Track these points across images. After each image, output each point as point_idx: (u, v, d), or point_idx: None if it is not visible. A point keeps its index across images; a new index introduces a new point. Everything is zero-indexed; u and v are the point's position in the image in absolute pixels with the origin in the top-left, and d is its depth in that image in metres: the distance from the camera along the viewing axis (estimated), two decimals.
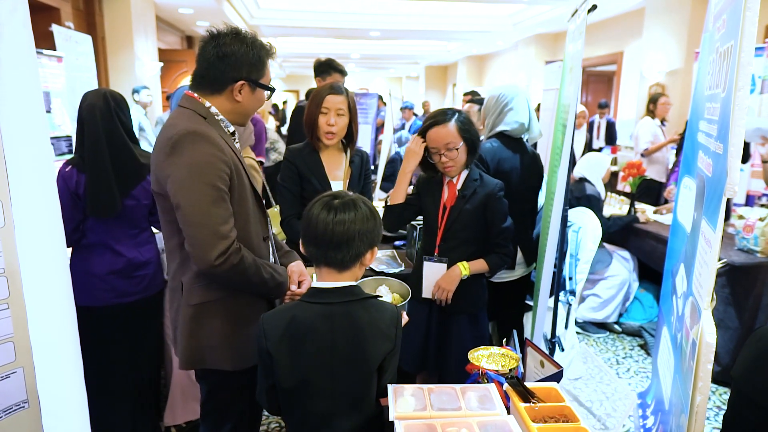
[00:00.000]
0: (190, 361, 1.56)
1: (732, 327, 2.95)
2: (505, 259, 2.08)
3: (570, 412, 1.28)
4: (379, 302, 1.38)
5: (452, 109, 2.07)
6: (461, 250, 2.05)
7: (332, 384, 1.30)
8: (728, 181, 1.29)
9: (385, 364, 1.33)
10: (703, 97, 1.74)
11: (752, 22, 1.22)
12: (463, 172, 2.07)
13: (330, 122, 2.11)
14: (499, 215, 2.04)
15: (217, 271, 1.41)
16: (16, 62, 1.31)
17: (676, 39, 6.64)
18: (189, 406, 2.47)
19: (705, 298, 1.40)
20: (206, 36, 1.52)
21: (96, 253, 2.07)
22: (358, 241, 1.31)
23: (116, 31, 6.41)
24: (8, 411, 1.38)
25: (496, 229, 2.05)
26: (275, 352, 1.30)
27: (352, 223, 1.29)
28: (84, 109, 2.01)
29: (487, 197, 2.03)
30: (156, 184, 1.49)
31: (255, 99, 1.57)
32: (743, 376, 1.40)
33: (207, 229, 1.39)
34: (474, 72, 15.09)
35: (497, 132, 2.42)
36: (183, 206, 1.39)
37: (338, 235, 1.28)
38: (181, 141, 1.41)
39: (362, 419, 1.34)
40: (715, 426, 2.71)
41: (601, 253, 3.70)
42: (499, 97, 2.44)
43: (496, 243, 2.06)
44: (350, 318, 1.30)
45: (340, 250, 1.30)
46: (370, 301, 1.36)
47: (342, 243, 1.29)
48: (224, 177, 1.44)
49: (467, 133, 1.99)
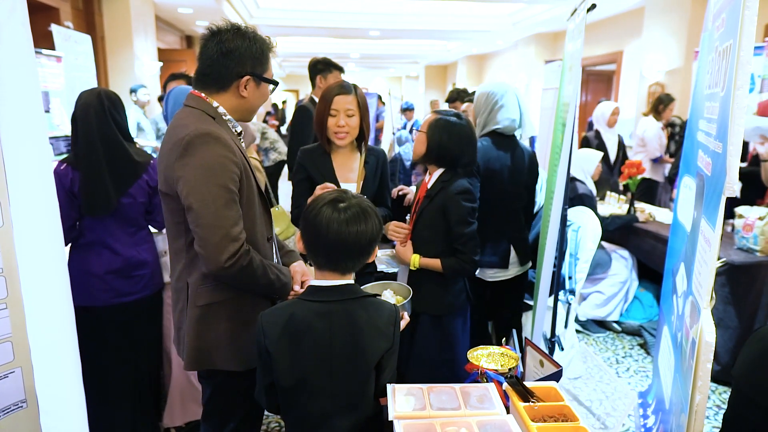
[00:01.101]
0: (197, 362, 1.56)
1: (732, 326, 2.95)
2: (464, 266, 2.00)
3: (569, 412, 1.28)
4: (377, 301, 1.38)
5: (452, 111, 2.08)
6: (424, 249, 2.04)
7: (330, 382, 1.30)
8: (727, 180, 1.29)
9: (384, 362, 1.33)
10: (703, 96, 1.74)
11: (751, 21, 1.22)
12: (436, 171, 2.06)
13: (339, 124, 2.07)
14: (456, 218, 1.97)
15: (226, 272, 1.41)
16: (15, 62, 1.31)
17: (675, 38, 6.63)
18: (188, 407, 2.47)
19: (704, 297, 1.40)
20: (207, 33, 1.51)
21: (94, 253, 2.07)
22: (369, 250, 1.35)
23: (115, 31, 6.40)
24: (6, 411, 1.38)
25: (453, 233, 1.99)
26: (274, 350, 1.30)
27: (365, 234, 1.31)
28: (78, 108, 2.01)
29: (445, 198, 1.99)
30: (165, 185, 1.48)
31: (260, 94, 1.58)
32: (744, 376, 1.40)
33: (219, 231, 1.39)
34: (474, 71, 15.09)
35: (490, 131, 2.41)
36: (195, 208, 1.39)
37: (351, 245, 1.30)
38: (193, 142, 1.40)
39: (360, 418, 1.33)
40: (715, 425, 2.70)
41: (600, 255, 3.70)
42: (489, 96, 2.43)
43: (455, 248, 2.00)
44: (348, 316, 1.30)
45: (351, 258, 1.33)
46: (368, 300, 1.35)
47: (354, 251, 1.32)
48: (235, 179, 1.45)
49: (431, 132, 2.00)
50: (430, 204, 2.02)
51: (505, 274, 2.47)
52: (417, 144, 2.08)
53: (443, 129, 2.00)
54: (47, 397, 1.43)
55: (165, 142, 1.49)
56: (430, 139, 2.01)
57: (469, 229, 1.99)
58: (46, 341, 1.42)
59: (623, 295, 3.78)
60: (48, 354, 1.42)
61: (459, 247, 1.99)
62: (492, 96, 2.42)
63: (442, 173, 2.04)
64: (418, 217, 2.06)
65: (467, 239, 1.98)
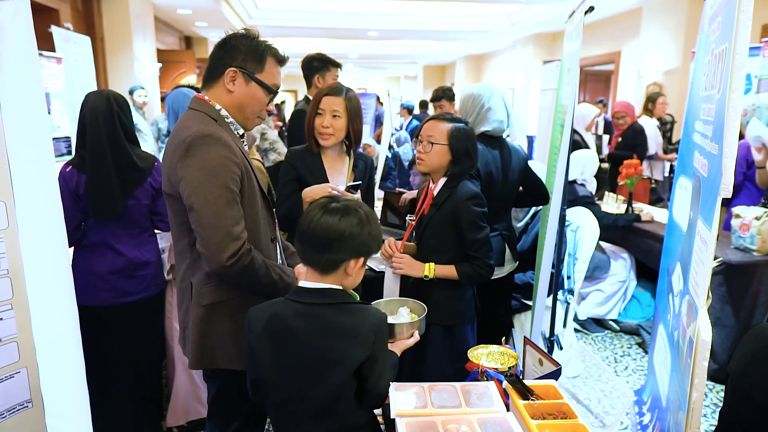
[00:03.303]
0: (201, 361, 1.57)
1: (729, 325, 2.97)
2: (480, 272, 1.95)
3: (568, 409, 1.30)
4: (364, 308, 1.33)
5: (462, 118, 2.03)
6: (433, 258, 1.97)
7: (304, 384, 1.28)
8: (723, 181, 1.30)
9: (365, 371, 1.28)
10: (699, 98, 1.76)
11: (746, 25, 1.24)
12: (442, 179, 2.01)
13: (324, 124, 2.05)
14: (468, 224, 1.93)
15: (228, 271, 1.43)
16: (19, 63, 1.32)
17: (673, 38, 6.66)
18: (191, 406, 2.49)
19: (701, 297, 1.42)
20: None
21: (97, 253, 2.08)
22: (338, 247, 1.27)
23: (115, 32, 6.41)
24: (12, 411, 1.40)
25: (466, 239, 1.94)
26: (256, 346, 1.30)
27: (335, 227, 1.26)
28: (86, 112, 2.01)
29: (455, 205, 1.94)
30: (168, 186, 1.51)
31: (249, 93, 1.56)
32: (740, 373, 1.42)
33: (220, 230, 1.41)
34: (472, 71, 15.11)
35: (479, 133, 2.40)
36: (197, 208, 1.41)
37: (318, 235, 1.26)
38: (195, 143, 1.43)
39: (339, 427, 1.30)
40: (713, 423, 2.73)
41: (600, 257, 3.72)
42: (476, 98, 2.42)
43: (469, 254, 1.95)
44: (327, 320, 1.28)
45: (317, 251, 1.28)
46: (354, 306, 1.31)
47: (320, 245, 1.27)
48: (236, 179, 1.47)
49: (456, 142, 1.93)
50: (437, 212, 1.97)
51: (501, 272, 2.48)
52: (435, 156, 1.96)
53: (467, 138, 1.95)
54: (52, 397, 1.44)
55: (168, 144, 1.52)
56: (456, 150, 1.94)
57: (482, 234, 1.94)
58: (51, 342, 1.43)
59: (622, 293, 3.80)
60: (53, 354, 1.44)
61: (473, 253, 1.94)
62: (479, 98, 2.41)
63: (447, 180, 1.99)
64: (425, 227, 2.00)
65: (480, 244, 1.94)
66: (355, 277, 1.35)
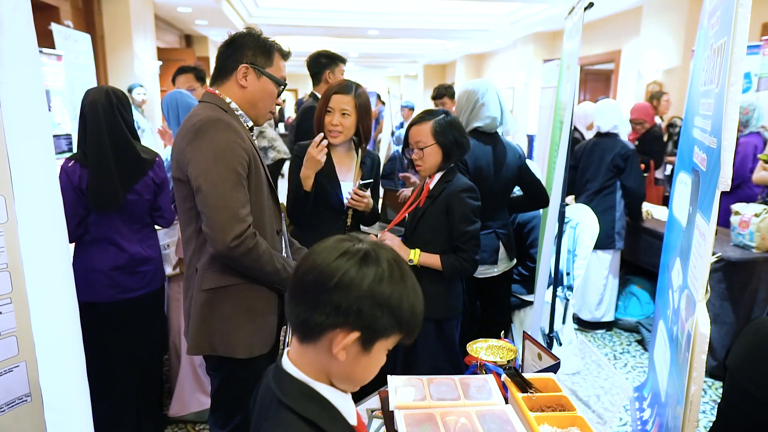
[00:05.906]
0: (199, 347, 1.58)
1: (728, 322, 2.98)
2: (464, 265, 1.95)
3: (567, 402, 1.31)
4: (291, 421, 0.81)
5: (440, 110, 2.03)
6: (425, 251, 1.98)
7: None
8: (721, 174, 1.31)
9: None
10: (698, 93, 1.76)
11: (744, 18, 1.24)
12: (438, 173, 2.02)
13: (333, 122, 2.06)
14: (459, 216, 1.94)
15: (232, 253, 1.45)
16: (19, 59, 1.33)
17: (673, 37, 6.66)
18: (195, 397, 2.50)
19: (700, 290, 1.43)
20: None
21: (99, 249, 2.09)
22: (326, 302, 0.77)
23: (115, 30, 6.41)
24: (11, 405, 1.40)
25: (456, 230, 1.95)
26: (251, 410, 0.98)
27: (327, 265, 0.78)
28: (86, 105, 2.03)
29: (449, 196, 1.95)
30: (177, 170, 1.53)
31: (261, 88, 1.62)
32: (738, 367, 1.42)
33: (226, 211, 1.44)
34: (472, 70, 15.10)
35: (472, 129, 2.41)
36: (204, 189, 1.45)
37: (300, 275, 0.81)
38: (204, 127, 1.47)
39: None
40: (711, 419, 2.73)
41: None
42: (470, 94, 2.43)
43: (456, 246, 1.96)
44: (274, 416, 0.84)
45: (293, 299, 0.82)
46: (288, 416, 0.81)
47: (298, 287, 0.81)
48: (243, 163, 1.50)
49: (442, 137, 1.94)
50: (432, 204, 1.99)
51: (493, 270, 2.48)
52: (429, 158, 1.96)
53: (450, 127, 1.96)
54: (51, 391, 1.44)
55: (179, 131, 1.56)
56: (444, 144, 1.95)
57: (472, 227, 1.95)
58: (51, 336, 1.43)
59: (600, 295, 3.76)
60: (52, 349, 1.44)
61: (460, 245, 1.95)
62: (473, 94, 2.42)
63: (444, 174, 2.01)
64: (419, 218, 2.02)
65: (469, 238, 1.95)
66: (348, 366, 0.81)
